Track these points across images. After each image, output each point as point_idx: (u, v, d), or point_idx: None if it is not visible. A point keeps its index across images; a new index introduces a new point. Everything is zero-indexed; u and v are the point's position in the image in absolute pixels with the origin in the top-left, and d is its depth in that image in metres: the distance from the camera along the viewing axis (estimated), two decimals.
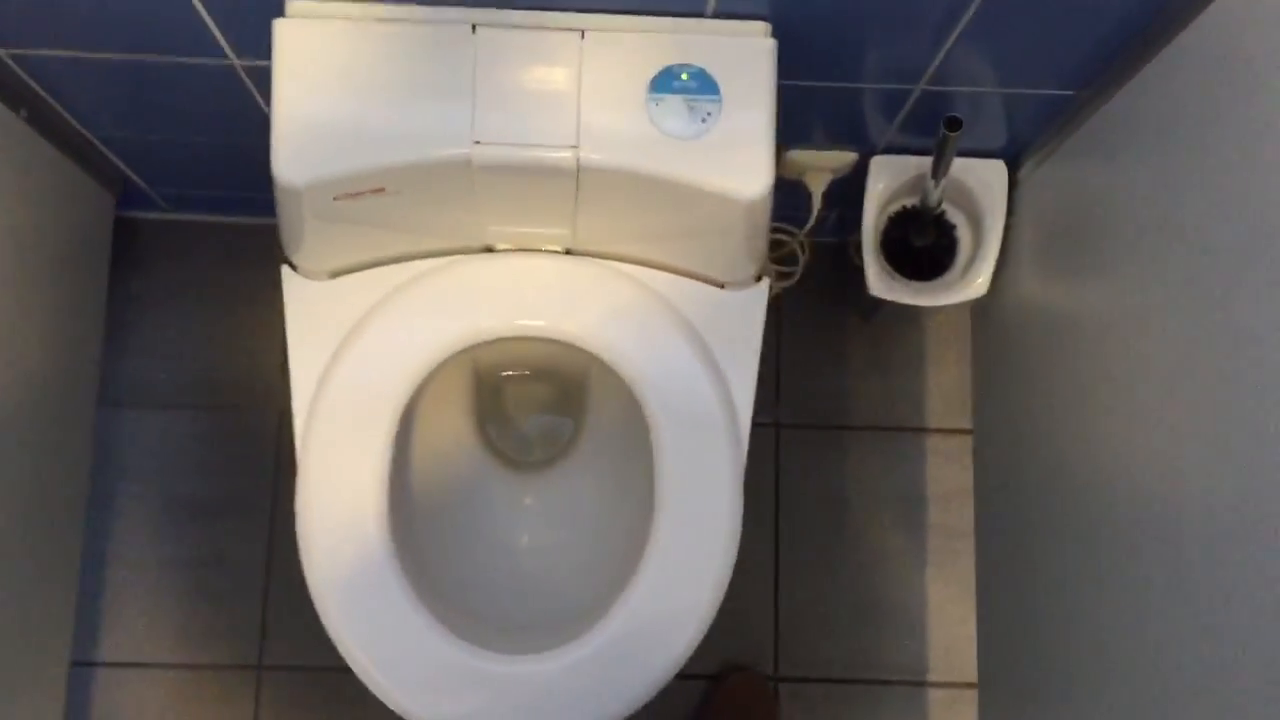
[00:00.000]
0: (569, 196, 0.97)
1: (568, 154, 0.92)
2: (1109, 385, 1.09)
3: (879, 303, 1.49)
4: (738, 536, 1.04)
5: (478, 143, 0.92)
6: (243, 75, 1.06)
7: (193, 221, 1.51)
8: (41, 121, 1.17)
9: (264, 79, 1.06)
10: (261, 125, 1.18)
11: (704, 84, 0.94)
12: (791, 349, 1.53)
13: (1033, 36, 0.99)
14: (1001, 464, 1.39)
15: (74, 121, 1.20)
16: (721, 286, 1.10)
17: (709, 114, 0.94)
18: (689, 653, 1.03)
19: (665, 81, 0.94)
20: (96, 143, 1.26)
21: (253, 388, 1.49)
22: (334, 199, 0.95)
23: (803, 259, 1.46)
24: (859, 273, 1.46)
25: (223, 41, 1.00)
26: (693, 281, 1.09)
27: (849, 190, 1.36)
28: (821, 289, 1.54)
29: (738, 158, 0.94)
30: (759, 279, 1.11)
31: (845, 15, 0.95)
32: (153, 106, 1.16)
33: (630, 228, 1.04)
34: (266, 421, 1.49)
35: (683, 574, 1.03)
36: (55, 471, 1.33)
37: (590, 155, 0.93)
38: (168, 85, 1.10)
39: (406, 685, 1.00)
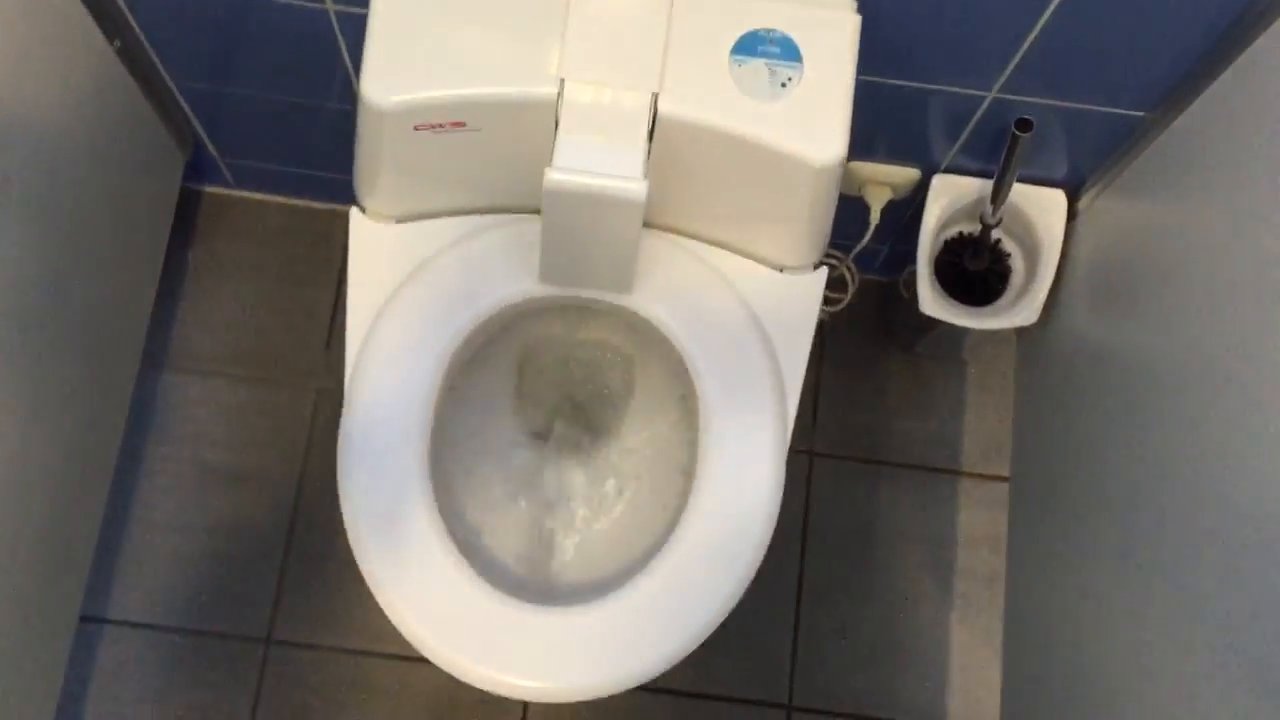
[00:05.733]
0: None
1: (648, 98, 0.94)
2: (1162, 432, 1.05)
3: (921, 333, 1.50)
4: (776, 511, 1.04)
5: (563, 80, 0.94)
6: (334, 19, 1.09)
7: (254, 200, 1.54)
8: (132, 57, 1.20)
9: (353, 27, 1.09)
10: (342, 85, 1.21)
11: (787, 50, 0.96)
12: (832, 379, 1.53)
13: (1112, 43, 1.01)
14: (1037, 513, 1.37)
15: (159, 65, 1.23)
16: (780, 271, 1.11)
17: (789, 79, 0.96)
18: (714, 625, 1.02)
19: (750, 44, 0.96)
20: (176, 93, 1.29)
21: (295, 366, 1.50)
22: (414, 128, 0.97)
23: (852, 285, 1.47)
24: (907, 307, 1.47)
25: None
26: (751, 261, 1.10)
27: (903, 220, 1.38)
28: (867, 324, 1.55)
29: (813, 124, 0.96)
30: (816, 268, 1.12)
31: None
32: (238, 53, 1.19)
33: (696, 195, 1.05)
34: (303, 400, 1.49)
35: (719, 538, 1.02)
36: (88, 422, 1.32)
37: (670, 104, 0.94)
38: (257, 27, 1.13)
39: (429, 619, 0.99)
